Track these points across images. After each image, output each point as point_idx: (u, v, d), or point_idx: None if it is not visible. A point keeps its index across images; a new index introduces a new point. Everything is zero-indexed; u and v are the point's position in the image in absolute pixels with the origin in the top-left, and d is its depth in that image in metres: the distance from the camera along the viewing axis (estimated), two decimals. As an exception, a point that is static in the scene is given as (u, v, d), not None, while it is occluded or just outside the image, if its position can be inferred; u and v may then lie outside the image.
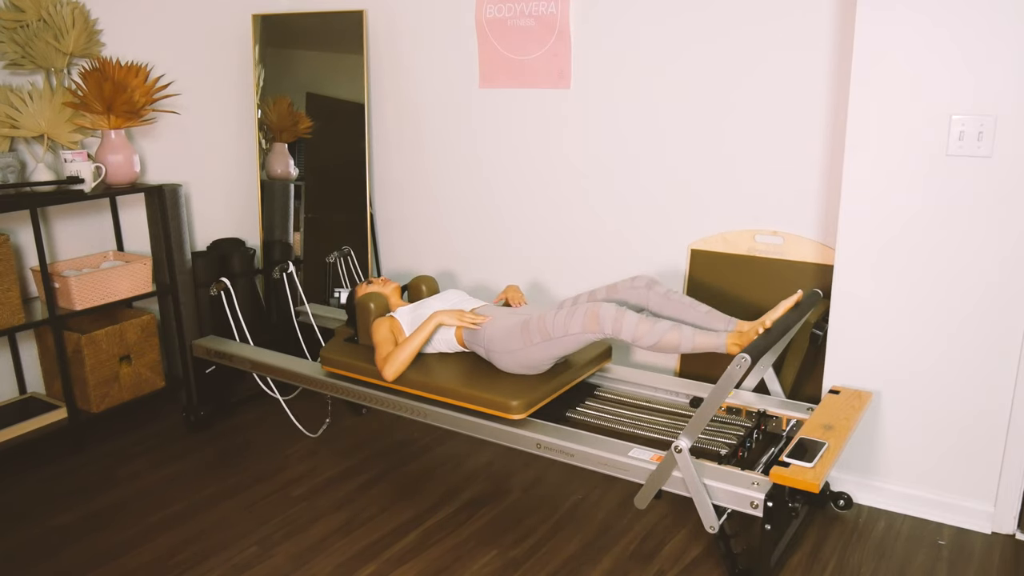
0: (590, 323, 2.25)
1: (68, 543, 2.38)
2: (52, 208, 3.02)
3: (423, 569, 2.20)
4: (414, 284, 2.90)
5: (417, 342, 2.48)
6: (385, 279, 2.86)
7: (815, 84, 2.55)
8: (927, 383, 2.32)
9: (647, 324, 2.20)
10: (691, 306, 2.41)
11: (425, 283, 2.90)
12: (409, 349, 2.47)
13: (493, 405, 2.34)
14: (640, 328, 2.20)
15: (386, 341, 2.54)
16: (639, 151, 2.93)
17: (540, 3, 2.99)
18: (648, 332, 2.19)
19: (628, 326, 2.20)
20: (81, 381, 2.89)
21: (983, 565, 2.17)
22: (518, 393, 2.34)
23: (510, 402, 2.31)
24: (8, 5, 2.75)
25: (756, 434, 2.36)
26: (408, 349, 2.47)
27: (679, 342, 2.18)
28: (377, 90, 3.53)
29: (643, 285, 2.48)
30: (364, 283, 2.86)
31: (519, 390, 2.36)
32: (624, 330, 2.21)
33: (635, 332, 2.20)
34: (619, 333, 2.22)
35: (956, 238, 2.19)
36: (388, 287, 2.83)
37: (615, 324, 2.22)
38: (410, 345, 2.47)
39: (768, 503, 1.94)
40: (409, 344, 2.47)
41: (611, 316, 2.23)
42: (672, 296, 2.44)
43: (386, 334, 2.56)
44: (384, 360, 2.49)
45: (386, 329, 2.57)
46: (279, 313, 3.64)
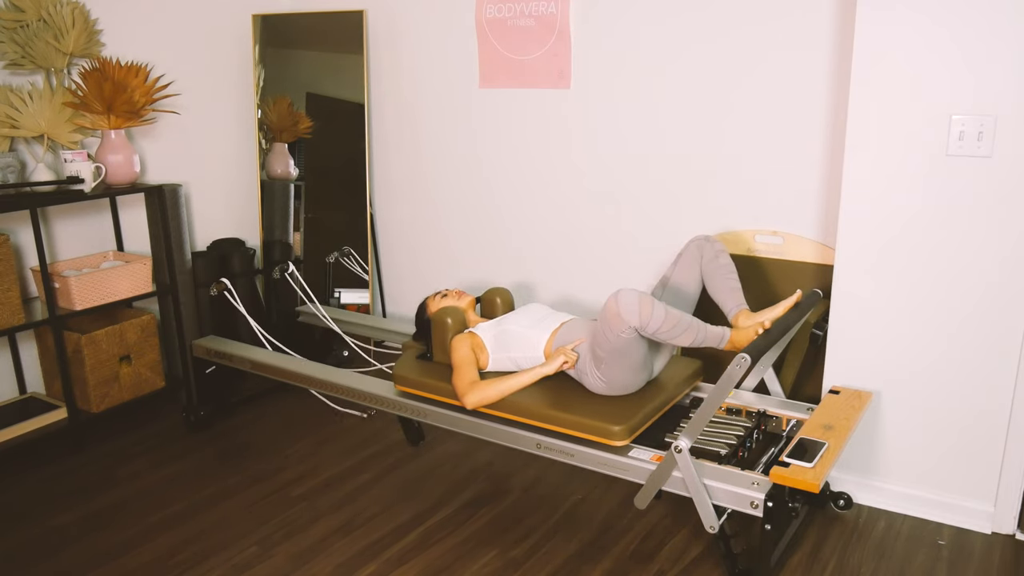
0: (616, 324, 2.11)
1: (68, 543, 2.38)
2: (52, 208, 3.02)
3: (423, 569, 2.20)
4: (488, 297, 2.72)
5: (513, 388, 2.31)
6: (459, 291, 2.69)
7: (815, 84, 2.55)
8: (927, 383, 2.32)
9: (671, 320, 2.10)
10: (725, 276, 2.40)
11: (500, 295, 2.71)
12: (502, 391, 2.30)
13: (593, 430, 2.18)
14: (666, 324, 2.10)
15: (468, 362, 2.37)
16: (639, 151, 2.93)
17: (540, 3, 2.99)
18: (671, 328, 2.11)
19: (656, 320, 2.09)
20: (81, 381, 2.89)
21: (983, 565, 2.17)
22: (616, 416, 2.18)
23: (611, 427, 2.15)
24: (8, 5, 2.75)
25: (756, 434, 2.36)
26: (501, 390, 2.30)
27: (694, 338, 2.16)
28: (377, 90, 3.53)
29: (702, 238, 2.46)
30: (436, 296, 2.69)
31: (616, 413, 2.20)
32: (652, 323, 2.09)
33: (660, 326, 2.10)
34: (645, 327, 2.10)
35: (956, 238, 2.19)
36: (463, 300, 2.65)
37: (641, 316, 2.08)
38: (504, 387, 2.30)
39: (768, 503, 1.94)
40: (503, 385, 2.30)
41: (634, 308, 2.09)
42: (720, 258, 2.42)
43: (467, 354, 2.39)
44: (468, 387, 2.32)
45: (467, 348, 2.40)
46: (279, 313, 3.64)
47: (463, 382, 2.33)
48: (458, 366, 2.37)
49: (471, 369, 2.36)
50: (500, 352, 2.44)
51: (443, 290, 2.72)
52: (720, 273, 2.43)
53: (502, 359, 2.44)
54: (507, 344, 2.42)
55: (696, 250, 2.48)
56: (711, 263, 2.45)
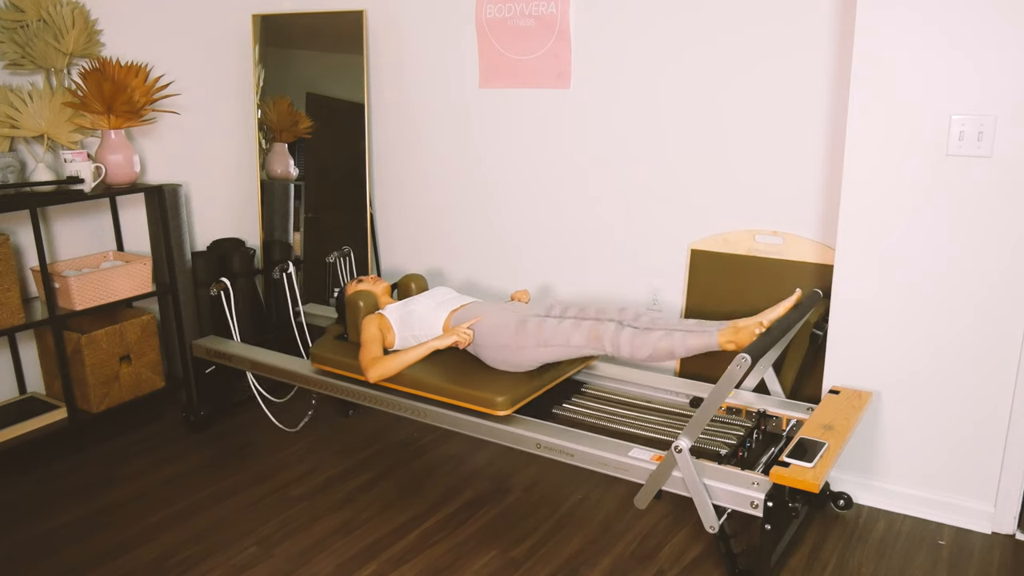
0: (593, 341, 2.33)
1: (68, 543, 2.38)
2: (52, 208, 3.02)
3: (423, 569, 2.20)
4: (403, 282, 2.94)
5: (407, 361, 2.49)
6: (375, 277, 2.89)
7: (815, 84, 2.55)
8: (927, 383, 2.32)
9: (640, 337, 2.28)
10: (679, 323, 2.40)
11: (415, 281, 2.93)
12: (398, 364, 2.48)
13: (478, 401, 2.36)
14: (635, 342, 2.28)
15: (373, 340, 2.55)
16: (639, 151, 2.93)
17: (540, 3, 2.99)
18: (642, 344, 2.27)
19: (624, 343, 2.29)
20: (81, 381, 2.88)
21: (983, 565, 2.17)
22: (503, 389, 2.36)
23: (495, 398, 2.33)
24: (8, 5, 2.75)
25: (756, 434, 2.36)
26: (397, 364, 2.48)
27: (672, 347, 2.25)
28: (377, 90, 3.53)
29: (631, 316, 2.45)
30: (354, 281, 2.88)
31: (504, 386, 2.38)
32: (622, 347, 2.29)
33: (630, 347, 2.28)
34: (618, 351, 2.31)
35: (956, 238, 2.19)
36: (378, 285, 2.85)
37: (613, 342, 2.31)
38: (400, 361, 2.48)
39: (768, 503, 1.94)
40: (399, 359, 2.48)
41: (610, 334, 2.31)
42: (658, 319, 2.42)
43: (374, 332, 2.57)
44: (370, 363, 2.50)
45: (374, 327, 2.58)
46: (279, 313, 3.64)
47: (367, 358, 2.52)
48: (364, 343, 2.56)
49: (375, 346, 2.54)
50: (405, 331, 2.62)
51: (360, 276, 2.94)
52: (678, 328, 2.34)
53: (407, 337, 2.62)
54: (411, 323, 2.61)
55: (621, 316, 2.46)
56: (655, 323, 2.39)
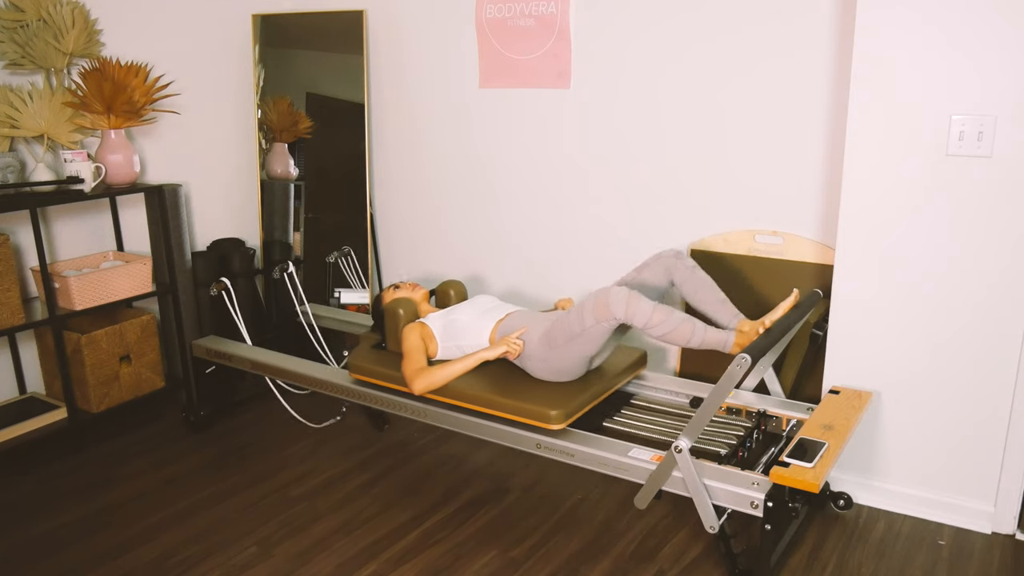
0: (601, 311, 2.17)
1: (68, 543, 2.38)
2: (52, 208, 3.02)
3: (423, 569, 2.20)
4: (442, 289, 2.81)
5: (456, 372, 2.40)
6: (413, 284, 2.78)
7: (815, 84, 2.55)
8: (927, 383, 2.32)
9: (662, 312, 2.13)
10: (711, 288, 2.38)
11: (453, 288, 2.81)
12: (446, 375, 2.39)
13: (531, 415, 2.26)
14: (656, 315, 2.12)
15: (416, 350, 2.45)
16: (639, 151, 2.93)
17: (540, 3, 2.99)
18: (663, 320, 2.12)
19: (643, 312, 2.13)
20: (81, 381, 2.88)
21: (983, 565, 2.17)
22: (555, 402, 2.26)
23: (549, 411, 2.23)
24: (8, 5, 2.75)
25: (756, 434, 2.36)
26: (445, 375, 2.38)
27: (690, 336, 2.14)
28: (377, 90, 3.53)
29: (671, 255, 2.43)
30: (391, 288, 2.78)
31: (555, 399, 2.28)
32: (638, 315, 2.13)
33: (650, 318, 2.12)
34: (632, 318, 2.13)
35: (956, 238, 2.19)
36: (417, 292, 2.74)
37: (628, 308, 2.13)
38: (448, 372, 2.39)
39: (768, 503, 1.94)
40: (447, 370, 2.39)
41: (622, 299, 2.14)
42: (697, 272, 2.41)
43: (416, 342, 2.47)
44: (416, 374, 2.40)
45: (416, 336, 2.48)
46: (279, 313, 3.64)
47: (411, 368, 2.43)
48: (407, 353, 2.47)
49: (420, 356, 2.45)
50: (448, 340, 2.53)
51: (397, 282, 2.82)
52: (705, 287, 2.39)
53: (450, 347, 2.53)
54: (454, 333, 2.52)
55: (663, 269, 2.44)
56: (690, 279, 2.41)
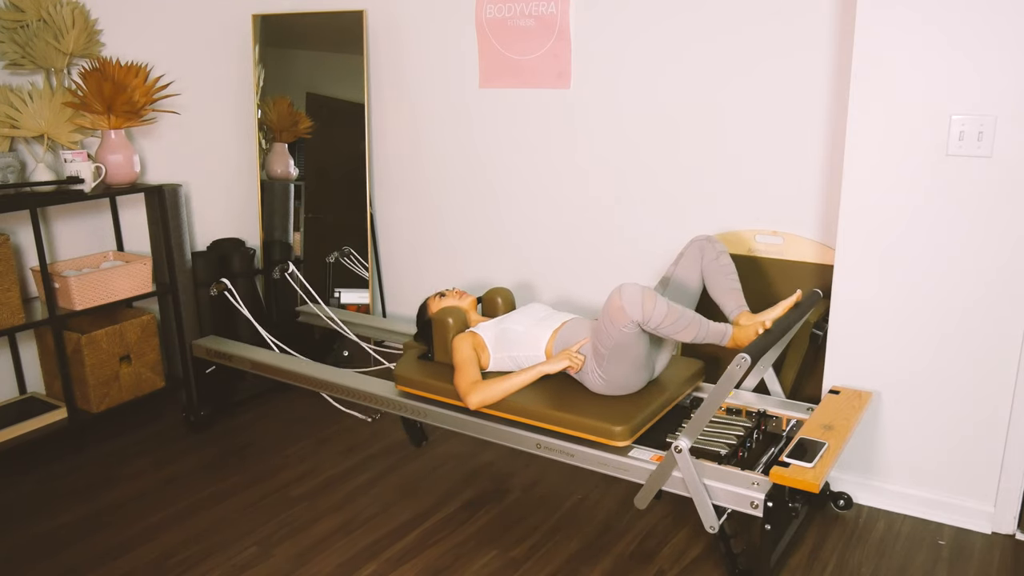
0: (618, 316, 2.10)
1: (68, 543, 2.38)
2: (52, 208, 3.02)
3: (423, 569, 2.20)
4: (489, 297, 2.72)
5: (515, 387, 2.30)
6: (460, 291, 2.68)
7: (815, 84, 2.55)
8: (927, 383, 2.32)
9: (675, 313, 2.11)
10: (726, 276, 2.40)
11: (501, 295, 2.71)
12: (504, 390, 2.29)
13: (594, 431, 2.17)
14: (669, 316, 2.10)
15: (470, 362, 2.36)
16: (639, 151, 2.93)
17: (540, 3, 2.99)
18: (675, 320, 2.10)
19: (659, 313, 2.08)
20: (81, 381, 2.88)
21: (983, 565, 2.17)
22: (617, 417, 2.18)
23: (613, 428, 2.14)
24: (8, 5, 2.75)
25: (756, 434, 2.36)
26: (503, 389, 2.29)
27: (695, 333, 2.16)
28: (377, 90, 3.53)
29: (703, 238, 2.46)
30: (436, 296, 2.68)
31: (617, 414, 2.20)
32: (654, 316, 2.08)
33: (663, 320, 2.09)
34: (648, 321, 2.09)
35: (956, 238, 2.19)
36: (465, 300, 2.64)
37: (644, 309, 2.08)
38: (506, 386, 2.29)
39: (768, 503, 1.94)
40: (505, 384, 2.29)
41: (637, 301, 2.08)
42: (721, 259, 2.42)
43: (469, 353, 2.38)
44: (470, 387, 2.31)
45: (469, 347, 2.39)
46: (279, 313, 3.64)
47: (465, 381, 2.32)
48: (460, 365, 2.36)
49: (473, 368, 2.35)
50: (501, 351, 2.43)
51: (443, 290, 2.71)
52: (721, 273, 2.43)
53: (503, 359, 2.44)
54: (508, 343, 2.42)
55: (697, 250, 2.48)
56: (712, 263, 2.45)
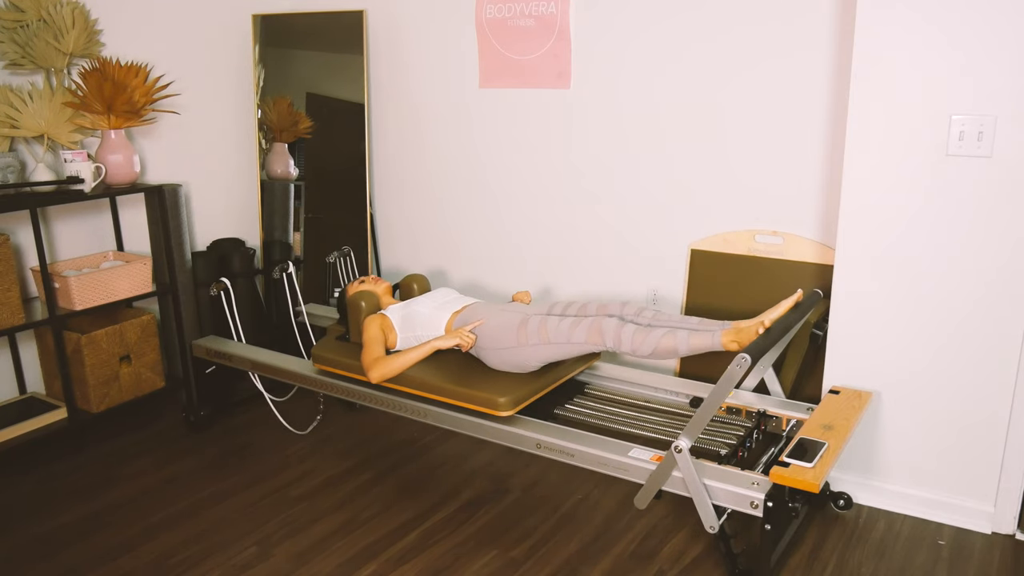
0: (594, 336, 2.31)
1: (68, 543, 2.38)
2: (52, 208, 3.02)
3: (423, 569, 2.20)
4: (405, 283, 2.92)
5: (410, 361, 2.48)
6: (376, 278, 2.88)
7: (815, 84, 2.55)
8: (927, 383, 2.32)
9: (642, 334, 2.26)
10: (681, 321, 2.41)
11: (416, 281, 2.92)
12: (400, 364, 2.47)
13: (481, 402, 2.35)
14: (636, 338, 2.26)
15: (375, 340, 2.54)
16: (639, 151, 2.93)
17: (540, 3, 2.99)
18: (643, 341, 2.25)
19: (626, 338, 2.27)
20: (81, 381, 2.88)
21: (983, 565, 2.17)
22: (506, 390, 2.35)
23: (498, 399, 2.32)
24: (8, 5, 2.75)
25: (756, 434, 2.36)
26: (399, 363, 2.47)
27: (675, 345, 2.22)
28: (377, 90, 3.53)
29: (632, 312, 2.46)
30: (356, 281, 2.87)
31: (507, 387, 2.37)
32: (623, 342, 2.27)
33: (632, 343, 2.26)
34: (619, 346, 2.28)
35: (956, 238, 2.19)
36: (380, 286, 2.84)
37: (615, 337, 2.28)
38: (402, 361, 2.47)
39: (768, 503, 1.94)
40: (402, 359, 2.47)
41: (612, 330, 2.29)
42: (660, 315, 2.43)
43: (376, 333, 2.56)
44: (372, 363, 2.49)
45: (376, 328, 2.57)
46: (279, 313, 3.64)
47: (368, 358, 2.51)
48: (366, 343, 2.55)
49: (378, 346, 2.53)
50: (407, 331, 2.61)
51: (362, 277, 2.92)
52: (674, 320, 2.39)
53: (409, 338, 2.61)
54: (413, 324, 2.60)
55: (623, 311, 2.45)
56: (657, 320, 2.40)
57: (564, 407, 2.54)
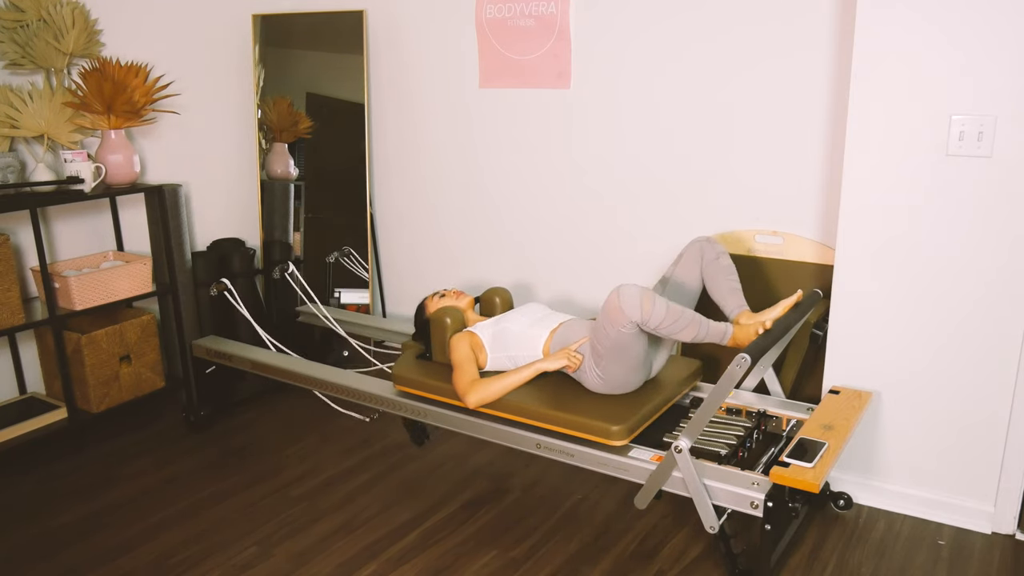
0: (616, 317, 2.11)
1: (68, 543, 2.38)
2: (52, 208, 3.01)
3: (423, 569, 2.20)
4: (487, 297, 2.74)
5: (512, 384, 2.32)
6: (458, 291, 2.70)
7: (815, 84, 2.55)
8: (927, 383, 2.32)
9: (675, 313, 2.11)
10: (726, 276, 2.39)
11: (499, 295, 2.73)
12: (502, 387, 2.30)
13: (592, 430, 2.18)
14: (669, 316, 2.10)
15: (468, 361, 2.37)
16: (639, 151, 2.93)
17: (540, 3, 2.99)
18: (675, 320, 2.11)
19: (657, 314, 2.09)
20: (81, 381, 2.88)
21: (983, 565, 2.17)
22: (614, 416, 2.18)
23: (610, 427, 2.15)
24: (8, 5, 2.75)
25: (756, 434, 2.36)
26: (500, 387, 2.30)
27: (695, 333, 2.16)
28: (377, 90, 3.53)
29: (703, 239, 2.46)
30: (434, 296, 2.69)
31: (613, 413, 2.20)
32: (653, 317, 2.09)
33: (663, 320, 2.10)
34: (647, 320, 2.09)
35: (956, 238, 2.19)
36: (462, 300, 2.66)
37: (643, 310, 2.08)
38: (504, 384, 2.31)
39: (768, 503, 1.94)
40: (503, 382, 2.31)
41: (635, 303, 2.09)
42: (721, 259, 2.42)
43: (467, 352, 2.39)
44: (469, 386, 2.32)
45: (466, 346, 2.40)
46: (279, 313, 3.64)
47: (464, 381, 2.33)
48: (458, 365, 2.37)
49: (471, 367, 2.36)
50: (499, 351, 2.44)
51: (441, 290, 2.72)
52: (721, 274, 2.43)
53: (501, 358, 2.44)
54: (506, 343, 2.43)
55: (697, 251, 2.48)
56: (712, 264, 2.45)
57: (672, 433, 2.35)
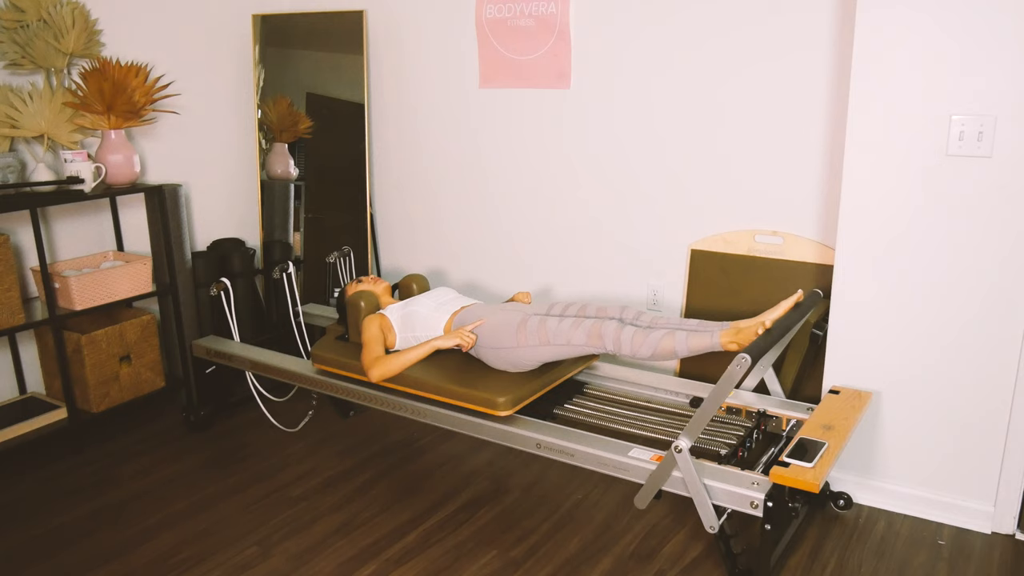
0: (593, 339, 2.32)
1: (68, 543, 2.38)
2: (52, 208, 3.02)
3: (423, 569, 2.20)
4: (405, 283, 2.94)
5: (410, 360, 2.49)
6: (375, 277, 2.89)
7: (815, 84, 2.55)
8: (927, 383, 2.32)
9: (641, 336, 2.27)
10: (680, 323, 2.40)
11: (416, 281, 2.93)
12: (400, 363, 2.48)
13: (480, 401, 2.36)
14: (635, 340, 2.26)
15: (374, 340, 2.55)
16: (639, 151, 2.93)
17: (540, 3, 2.99)
18: (643, 343, 2.26)
19: (625, 340, 2.28)
20: (81, 381, 2.88)
21: (983, 565, 2.17)
22: (505, 389, 2.36)
23: (497, 398, 2.33)
24: (8, 5, 2.75)
25: (756, 434, 2.36)
26: (399, 363, 2.48)
27: (674, 346, 2.23)
28: (377, 90, 3.53)
29: (632, 315, 2.45)
30: (354, 281, 2.88)
31: (506, 386, 2.38)
32: (623, 345, 2.28)
33: (632, 345, 2.27)
34: (619, 348, 2.29)
35: (956, 238, 2.19)
36: (379, 285, 2.85)
37: (615, 340, 2.29)
38: (402, 360, 2.48)
39: (768, 503, 1.94)
40: (402, 358, 2.48)
41: (611, 333, 2.30)
42: (659, 319, 2.42)
43: (375, 332, 2.57)
44: (372, 362, 2.50)
45: (376, 327, 2.58)
46: (279, 313, 3.64)
47: (368, 357, 2.52)
48: (366, 343, 2.56)
49: (377, 346, 2.55)
50: (407, 331, 2.62)
51: (361, 277, 2.94)
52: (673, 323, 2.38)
53: (408, 338, 2.62)
54: (413, 324, 2.61)
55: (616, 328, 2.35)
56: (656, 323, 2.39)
57: (564, 407, 2.54)
